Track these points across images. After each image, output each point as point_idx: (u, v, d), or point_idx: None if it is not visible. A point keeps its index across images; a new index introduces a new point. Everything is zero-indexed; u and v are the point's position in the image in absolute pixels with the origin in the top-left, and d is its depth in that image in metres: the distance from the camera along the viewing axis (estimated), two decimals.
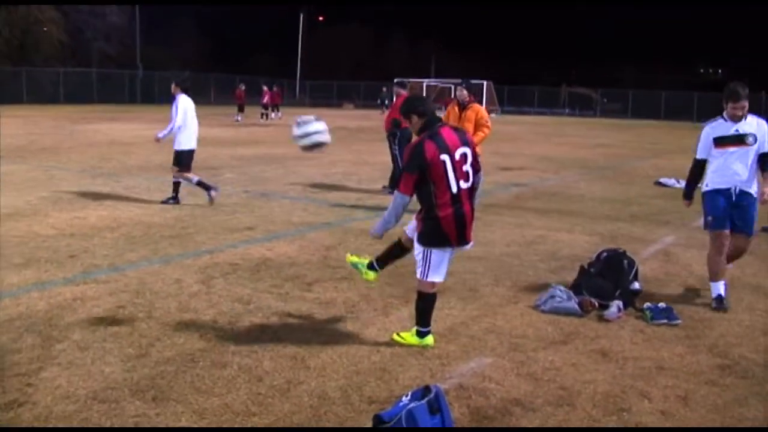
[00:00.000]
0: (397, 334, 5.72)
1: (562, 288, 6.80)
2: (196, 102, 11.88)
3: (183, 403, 4.56)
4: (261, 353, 5.40)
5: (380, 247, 6.22)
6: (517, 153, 23.51)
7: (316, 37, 77.27)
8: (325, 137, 6.77)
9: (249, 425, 4.30)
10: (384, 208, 5.96)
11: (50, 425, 4.25)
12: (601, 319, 6.41)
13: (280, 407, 4.53)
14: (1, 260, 7.95)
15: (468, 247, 5.59)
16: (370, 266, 6.05)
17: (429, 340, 5.62)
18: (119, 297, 6.71)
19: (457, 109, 10.80)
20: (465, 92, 10.87)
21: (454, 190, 5.30)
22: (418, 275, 5.50)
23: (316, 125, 6.70)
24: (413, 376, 5.06)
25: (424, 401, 3.88)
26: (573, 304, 6.55)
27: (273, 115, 39.46)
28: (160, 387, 4.78)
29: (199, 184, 11.70)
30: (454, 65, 68.40)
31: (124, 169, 16.63)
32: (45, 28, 62.52)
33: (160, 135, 11.55)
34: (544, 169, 19.17)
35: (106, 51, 67.06)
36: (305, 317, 6.26)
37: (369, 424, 4.24)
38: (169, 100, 11.97)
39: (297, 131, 6.68)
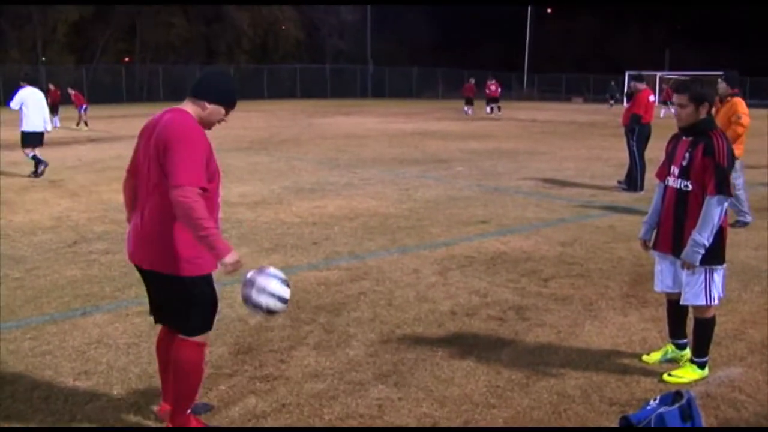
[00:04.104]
0: (669, 375, 4.91)
1: None
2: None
3: (424, 390, 4.70)
4: (499, 347, 5.44)
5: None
6: (763, 150, 21.82)
7: (543, 29, 76.07)
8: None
9: (488, 417, 4.34)
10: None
11: (301, 402, 4.52)
12: None
13: (519, 401, 4.54)
14: (253, 244, 8.61)
15: None
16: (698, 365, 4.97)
17: (706, 369, 4.98)
18: (360, 284, 7.02)
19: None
20: (723, 85, 9.55)
21: None
22: (701, 302, 4.77)
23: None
24: (656, 380, 4.87)
25: (675, 407, 3.72)
26: None
27: (488, 109, 38.82)
28: (401, 373, 4.96)
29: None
30: (691, 57, 64.11)
31: (359, 160, 17.33)
32: (284, 27, 66.81)
33: None
34: None
35: (338, 47, 70.45)
36: (542, 313, 6.22)
37: (612, 425, 4.15)
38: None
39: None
